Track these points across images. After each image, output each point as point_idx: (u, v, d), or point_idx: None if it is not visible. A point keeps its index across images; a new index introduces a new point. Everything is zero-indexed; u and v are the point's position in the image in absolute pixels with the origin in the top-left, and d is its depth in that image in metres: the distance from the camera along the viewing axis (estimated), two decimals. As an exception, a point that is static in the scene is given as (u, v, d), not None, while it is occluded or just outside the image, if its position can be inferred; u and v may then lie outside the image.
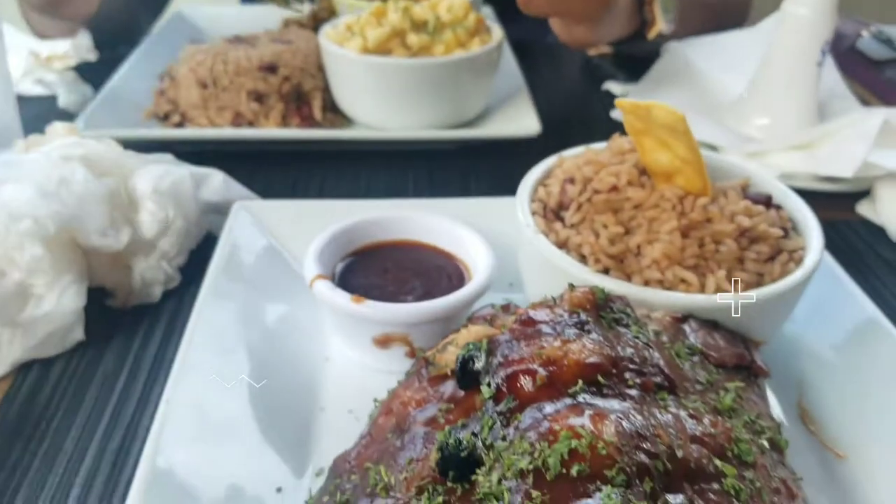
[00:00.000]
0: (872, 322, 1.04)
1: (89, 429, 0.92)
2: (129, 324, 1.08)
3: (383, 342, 0.96)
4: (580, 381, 0.68)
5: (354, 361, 1.01)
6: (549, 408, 0.66)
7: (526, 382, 0.68)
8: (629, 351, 0.73)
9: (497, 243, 1.08)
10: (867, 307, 1.07)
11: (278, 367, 0.98)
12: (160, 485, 0.77)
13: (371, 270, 1.04)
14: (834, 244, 1.37)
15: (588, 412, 0.64)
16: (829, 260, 1.16)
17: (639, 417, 0.66)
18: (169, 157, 1.20)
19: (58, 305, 0.97)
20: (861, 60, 1.87)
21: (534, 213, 1.01)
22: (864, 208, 1.50)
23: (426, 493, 0.65)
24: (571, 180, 1.01)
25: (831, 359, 1.05)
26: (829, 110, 1.70)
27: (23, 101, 1.52)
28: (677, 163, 0.96)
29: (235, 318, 1.02)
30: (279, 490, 0.82)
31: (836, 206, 1.50)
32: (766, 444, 0.75)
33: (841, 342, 1.06)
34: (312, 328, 1.06)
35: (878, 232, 1.45)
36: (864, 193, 1.52)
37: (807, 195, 1.08)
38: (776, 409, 1.00)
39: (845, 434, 0.96)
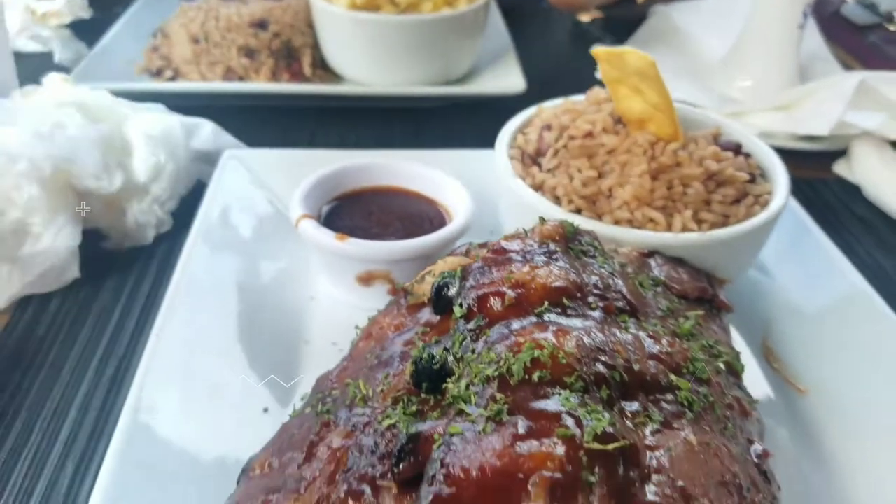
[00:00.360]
0: (838, 269, 1.09)
1: (85, 358, 0.97)
2: (123, 264, 1.13)
3: (366, 279, 1.00)
4: (546, 303, 0.72)
5: (339, 300, 1.06)
6: (515, 324, 0.70)
7: (495, 303, 0.72)
8: (594, 278, 0.78)
9: (479, 192, 1.12)
10: (834, 255, 1.11)
11: (266, 305, 1.03)
12: (151, 407, 0.81)
13: (355, 213, 1.08)
14: (811, 202, 1.42)
15: (552, 328, 0.68)
16: (800, 211, 1.21)
17: (599, 335, 0.70)
18: (161, 106, 1.24)
19: (54, 243, 1.01)
20: (845, 25, 1.90)
21: (512, 159, 1.05)
22: (840, 167, 1.55)
23: (401, 403, 0.70)
24: (549, 127, 1.05)
25: (797, 302, 1.09)
26: (812, 73, 1.74)
27: (19, 57, 1.55)
28: (650, 110, 1.00)
29: (225, 259, 1.06)
30: (266, 410, 0.87)
31: (814, 166, 1.55)
32: (722, 366, 0.79)
33: (807, 287, 1.11)
34: (299, 270, 1.11)
35: (854, 190, 1.50)
36: (841, 153, 1.56)
37: (785, 154, 1.12)
38: (744, 348, 1.05)
39: (807, 371, 1.00)
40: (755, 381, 1.01)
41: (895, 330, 0.96)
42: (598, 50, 0.99)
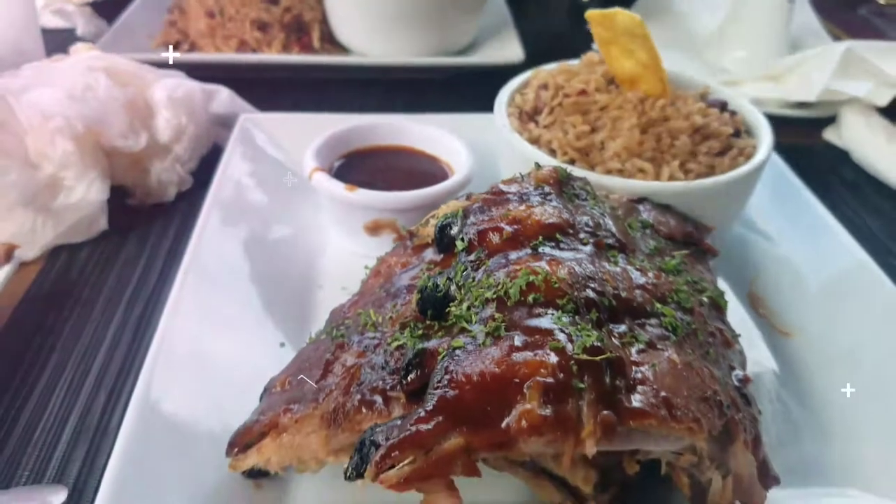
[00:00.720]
0: (820, 222, 1.15)
1: (113, 301, 1.05)
2: (147, 218, 1.20)
3: (373, 229, 1.07)
4: (541, 237, 0.78)
5: (348, 250, 1.13)
6: (513, 255, 0.76)
7: (494, 237, 0.79)
8: (585, 218, 0.84)
9: (479, 153, 1.19)
10: (820, 212, 1.17)
11: (281, 254, 1.10)
12: (176, 344, 0.88)
13: (363, 169, 1.15)
14: (801, 167, 1.46)
15: (546, 258, 0.75)
16: (786, 170, 1.27)
17: (590, 265, 0.76)
18: (181, 73, 1.30)
19: (85, 196, 1.08)
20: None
21: (510, 116, 1.11)
22: (829, 133, 1.60)
23: (408, 328, 0.76)
24: (545, 87, 1.12)
25: (783, 254, 1.16)
26: (803, 46, 1.79)
27: (43, 33, 1.61)
28: (640, 69, 1.06)
29: (242, 214, 1.13)
30: (282, 345, 0.95)
31: (804, 133, 1.60)
32: (705, 300, 0.85)
33: (793, 240, 1.17)
34: (311, 224, 1.18)
35: (842, 155, 1.55)
36: (831, 120, 1.62)
37: (777, 121, 1.17)
38: (731, 297, 1.11)
39: (792, 317, 1.07)
40: (742, 327, 1.06)
41: (879, 281, 1.02)
42: (591, 12, 1.06)
